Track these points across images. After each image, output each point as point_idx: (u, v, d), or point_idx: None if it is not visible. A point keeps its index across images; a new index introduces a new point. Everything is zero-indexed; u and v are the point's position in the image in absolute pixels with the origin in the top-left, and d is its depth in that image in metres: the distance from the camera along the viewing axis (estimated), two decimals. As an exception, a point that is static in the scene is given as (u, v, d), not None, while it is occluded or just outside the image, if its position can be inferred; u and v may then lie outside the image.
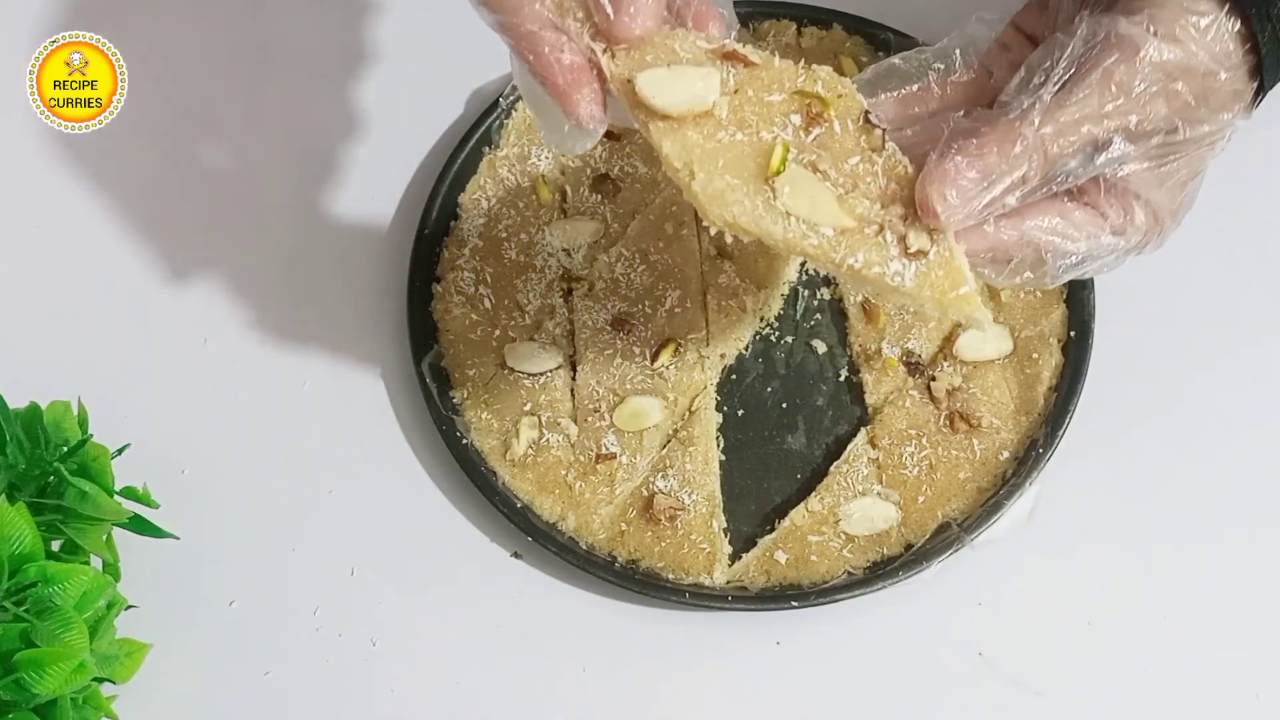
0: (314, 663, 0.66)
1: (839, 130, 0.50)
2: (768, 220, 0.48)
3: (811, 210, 0.48)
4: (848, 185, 0.49)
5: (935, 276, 0.48)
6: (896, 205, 0.49)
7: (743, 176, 0.48)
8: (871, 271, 0.48)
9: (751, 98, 0.50)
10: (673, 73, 0.49)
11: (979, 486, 0.67)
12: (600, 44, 0.49)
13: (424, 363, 0.70)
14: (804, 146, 0.49)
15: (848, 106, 0.50)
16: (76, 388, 0.64)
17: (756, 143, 0.49)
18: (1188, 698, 0.65)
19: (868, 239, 0.48)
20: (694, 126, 0.49)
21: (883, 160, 0.50)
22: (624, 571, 0.66)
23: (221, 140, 0.77)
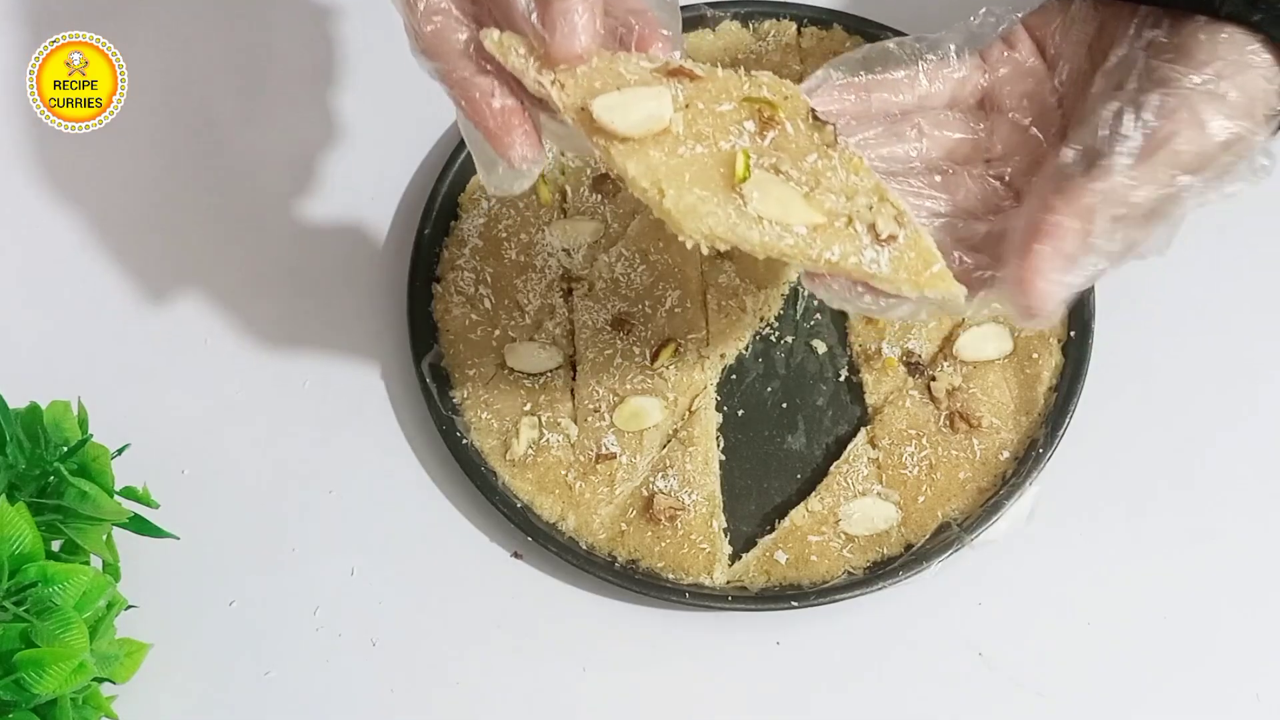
0: (314, 663, 0.66)
1: (791, 131, 0.51)
2: (743, 227, 0.48)
3: (782, 211, 0.49)
4: (811, 183, 0.50)
5: (908, 259, 0.49)
6: (860, 196, 0.50)
7: (711, 188, 0.49)
8: (849, 262, 0.49)
9: (703, 110, 0.50)
10: (624, 95, 0.49)
11: (979, 486, 0.67)
12: (548, 75, 0.50)
13: (424, 363, 0.70)
14: (762, 151, 0.50)
15: (795, 107, 0.51)
16: (76, 388, 0.64)
17: (717, 153, 0.50)
18: (1188, 698, 0.65)
19: (840, 232, 0.49)
20: (654, 145, 0.49)
21: (838, 155, 0.51)
22: (624, 571, 0.66)
23: (221, 140, 0.77)
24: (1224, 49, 0.51)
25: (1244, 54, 0.51)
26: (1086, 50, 0.56)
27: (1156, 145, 0.50)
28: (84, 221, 0.75)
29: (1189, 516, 0.68)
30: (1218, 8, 0.51)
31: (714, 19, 0.77)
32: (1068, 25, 0.57)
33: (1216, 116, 0.50)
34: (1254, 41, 0.51)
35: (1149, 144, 0.50)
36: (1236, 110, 0.50)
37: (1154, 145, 0.50)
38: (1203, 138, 0.50)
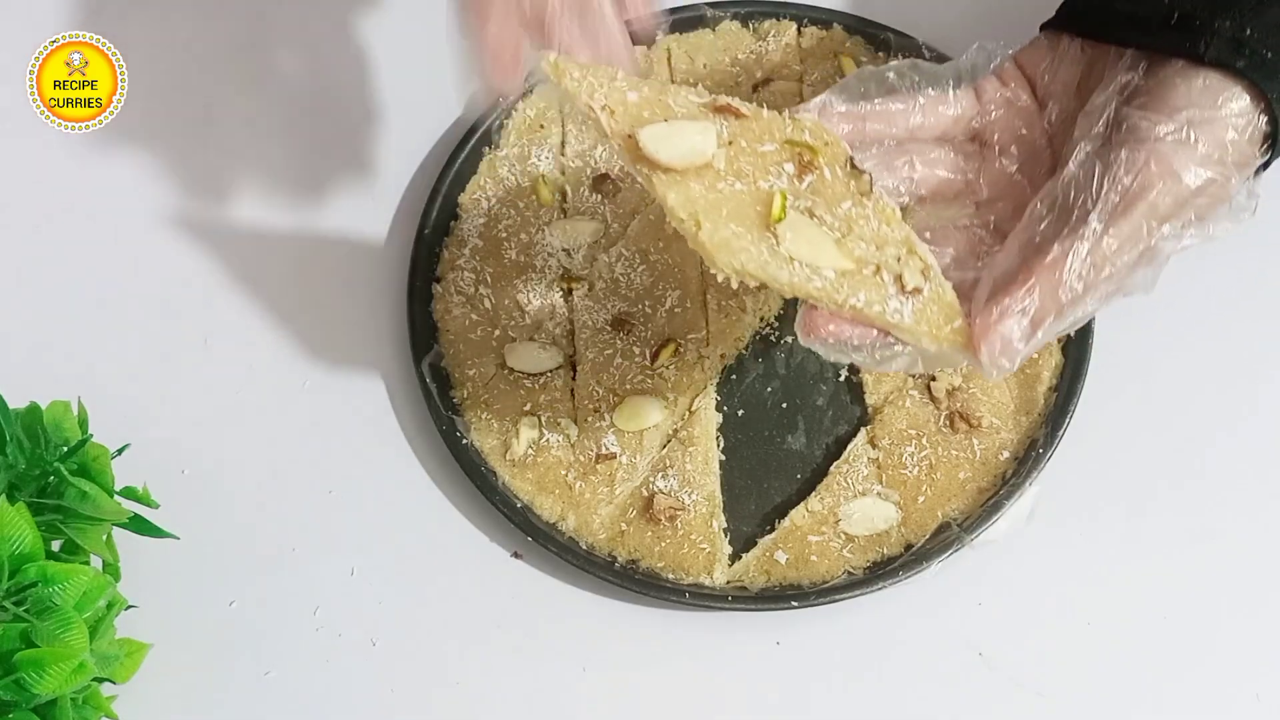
0: (314, 663, 0.66)
1: (829, 177, 0.52)
2: (774, 266, 0.49)
3: (813, 254, 0.50)
4: (843, 229, 0.51)
5: (930, 312, 0.50)
6: (889, 246, 0.51)
7: (746, 224, 0.50)
8: (873, 310, 0.50)
9: (745, 149, 0.52)
10: (671, 128, 0.51)
11: (979, 486, 0.67)
12: (599, 100, 0.51)
13: (424, 363, 0.70)
14: (799, 193, 0.51)
15: (834, 153, 0.52)
16: (76, 388, 0.64)
17: (755, 191, 0.51)
18: (1188, 698, 0.65)
19: (867, 279, 0.50)
20: (695, 178, 0.50)
21: (872, 204, 0.52)
22: (624, 571, 0.66)
23: (221, 140, 0.77)
24: (1198, 95, 0.51)
25: (1218, 102, 0.51)
26: (1075, 91, 0.57)
27: (1131, 200, 0.50)
28: (84, 221, 0.75)
29: (1189, 516, 0.68)
30: (1202, 52, 0.51)
31: (714, 19, 0.77)
32: (1056, 64, 0.57)
33: (1188, 165, 0.50)
34: (1233, 87, 0.51)
35: (1123, 200, 0.50)
36: (1208, 159, 0.50)
37: (1129, 200, 0.50)
38: (1178, 187, 0.50)
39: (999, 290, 0.50)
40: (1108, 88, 0.54)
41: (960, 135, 0.58)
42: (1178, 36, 0.52)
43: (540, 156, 0.74)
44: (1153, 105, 0.51)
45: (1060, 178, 0.52)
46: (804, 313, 0.51)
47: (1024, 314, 0.50)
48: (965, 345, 0.50)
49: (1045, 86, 0.58)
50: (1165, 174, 0.50)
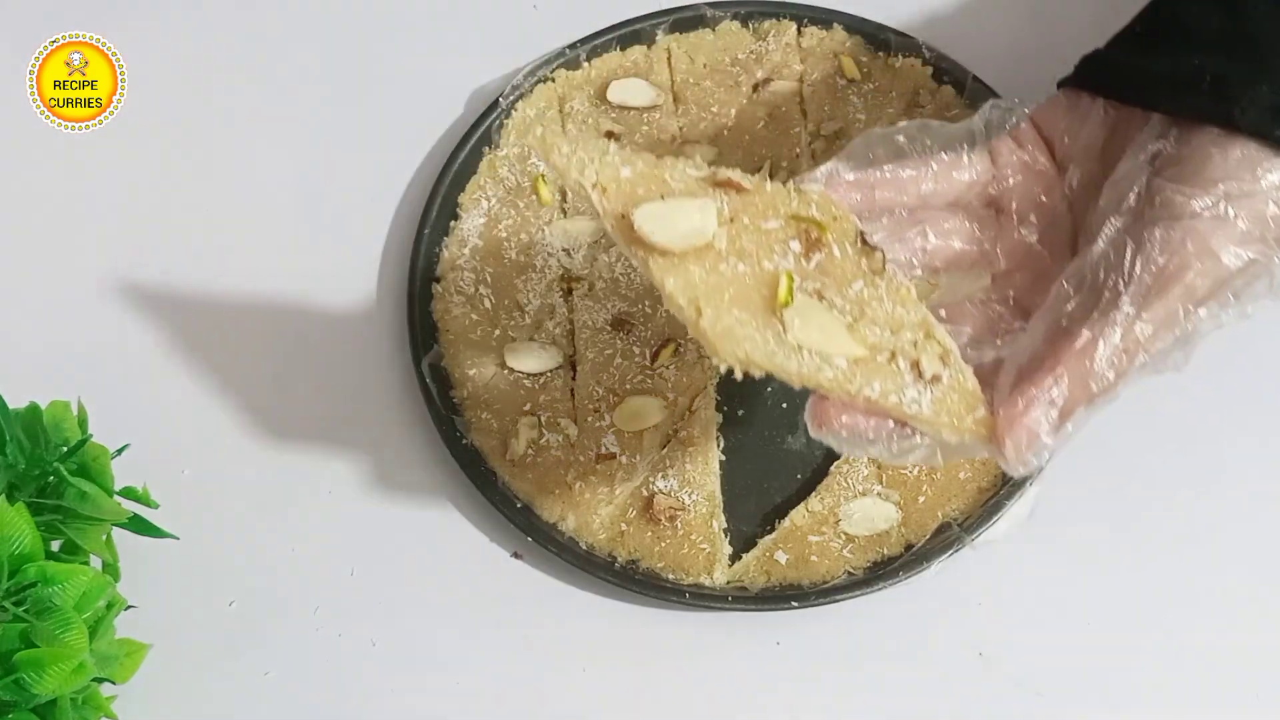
0: (314, 663, 0.66)
1: (838, 254, 0.48)
2: (781, 356, 0.46)
3: (823, 341, 0.46)
4: (855, 313, 0.47)
5: (950, 401, 0.47)
6: (905, 331, 0.47)
7: (750, 310, 0.46)
8: (889, 400, 0.46)
9: (748, 226, 0.48)
10: (669, 206, 0.47)
11: (979, 486, 0.67)
12: (590, 177, 0.48)
13: (424, 363, 0.70)
14: (806, 274, 0.48)
15: (843, 229, 0.49)
16: (76, 388, 0.64)
17: (759, 273, 0.47)
18: (1188, 698, 0.65)
19: (881, 367, 0.47)
20: (695, 260, 0.47)
21: (885, 284, 0.48)
22: (624, 571, 0.66)
23: (221, 140, 0.77)
24: (1235, 167, 0.47)
25: (1256, 174, 0.47)
26: (1098, 155, 0.53)
27: (1166, 282, 0.46)
28: (84, 221, 0.75)
29: (1189, 516, 0.68)
30: (1237, 120, 0.47)
31: (714, 19, 0.77)
32: (1077, 125, 0.54)
33: (1227, 245, 0.46)
34: (1273, 158, 0.47)
35: (1157, 282, 0.46)
36: (1248, 237, 0.47)
37: (1163, 283, 0.46)
38: (1216, 268, 0.46)
39: (1024, 378, 0.47)
40: (1136, 155, 0.50)
41: (975, 201, 0.55)
42: (1211, 102, 0.48)
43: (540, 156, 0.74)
44: (1186, 177, 0.48)
45: (1089, 255, 0.48)
46: (814, 403, 0.48)
47: (1052, 405, 0.46)
48: (989, 438, 0.46)
49: (1065, 149, 0.54)
50: (1202, 254, 0.46)
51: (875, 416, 0.47)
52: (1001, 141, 0.55)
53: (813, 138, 0.75)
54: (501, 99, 0.74)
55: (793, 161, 0.74)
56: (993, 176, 0.55)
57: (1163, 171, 0.48)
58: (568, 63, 0.76)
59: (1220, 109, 0.47)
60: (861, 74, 0.76)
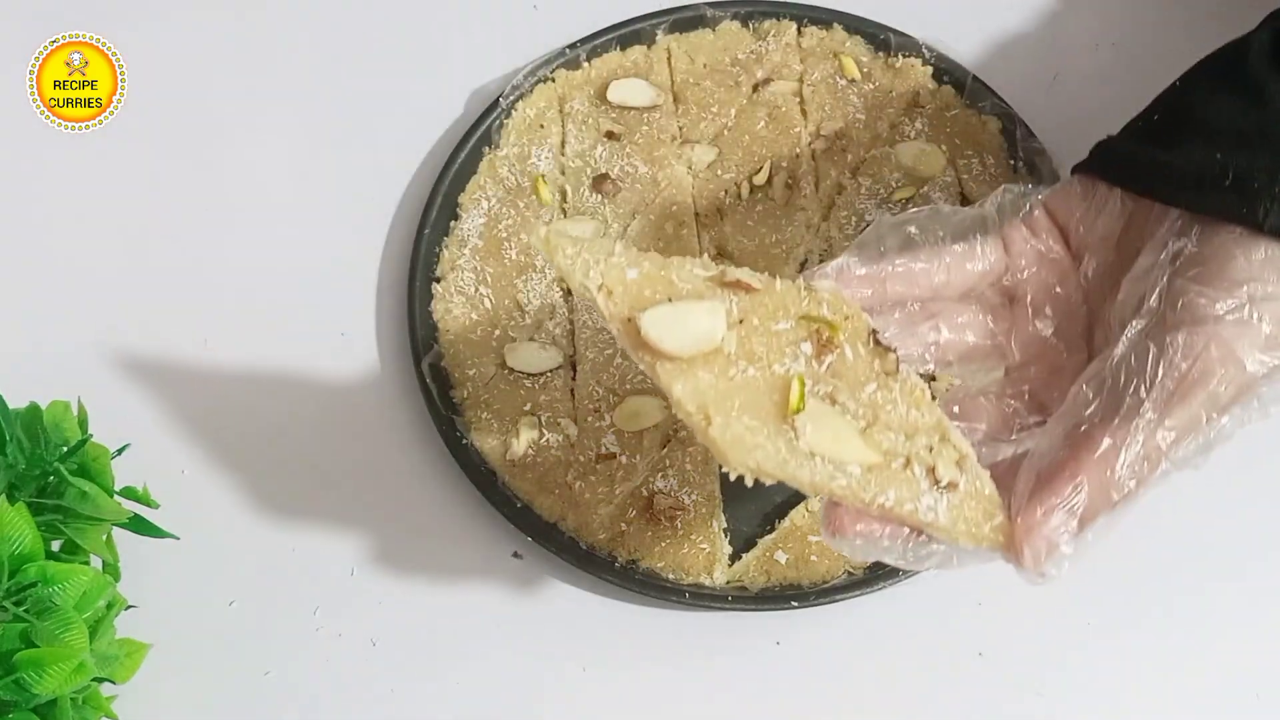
0: (314, 663, 0.66)
1: (851, 356, 0.47)
2: (793, 464, 0.45)
3: (836, 448, 0.45)
4: (869, 417, 0.46)
5: (968, 509, 0.46)
6: (920, 435, 0.46)
7: (761, 417, 0.45)
8: (904, 508, 0.45)
9: (758, 327, 0.47)
10: (676, 309, 0.46)
11: (979, 486, 0.67)
12: (595, 280, 0.47)
13: (424, 363, 0.70)
14: (818, 377, 0.47)
15: (855, 329, 0.48)
16: (76, 388, 0.64)
17: (770, 377, 0.46)
18: (1188, 698, 0.65)
19: (896, 474, 0.45)
20: (704, 366, 0.46)
21: (899, 386, 0.47)
22: (624, 571, 0.66)
23: (221, 140, 0.77)
24: (1259, 269, 0.46)
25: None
26: (1115, 245, 0.52)
27: (1189, 389, 0.45)
28: (84, 221, 0.75)
29: (1189, 515, 0.68)
30: (1261, 220, 0.46)
31: (714, 19, 0.77)
32: (1093, 215, 0.52)
33: (1252, 351, 0.45)
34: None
35: (1180, 388, 0.45)
36: (1273, 341, 0.45)
37: (1186, 389, 0.45)
38: (1241, 375, 0.45)
39: (1043, 485, 0.45)
40: (1156, 252, 0.48)
41: (989, 292, 0.54)
42: (1234, 200, 0.46)
43: (540, 156, 0.74)
44: (1209, 278, 0.46)
45: (1109, 359, 0.47)
46: (827, 509, 0.46)
47: (1071, 513, 0.44)
48: (1008, 546, 0.45)
49: (1080, 238, 0.53)
50: (1227, 360, 0.45)
51: (890, 524, 0.46)
52: (1015, 229, 0.54)
53: (813, 138, 0.75)
54: (501, 99, 0.74)
55: (793, 161, 0.74)
56: (1006, 267, 0.53)
57: (1185, 272, 0.47)
58: (568, 63, 0.76)
59: (1243, 208, 0.46)
60: (861, 74, 0.76)
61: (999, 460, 0.49)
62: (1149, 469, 0.45)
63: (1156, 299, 0.47)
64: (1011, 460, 0.48)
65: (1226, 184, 0.47)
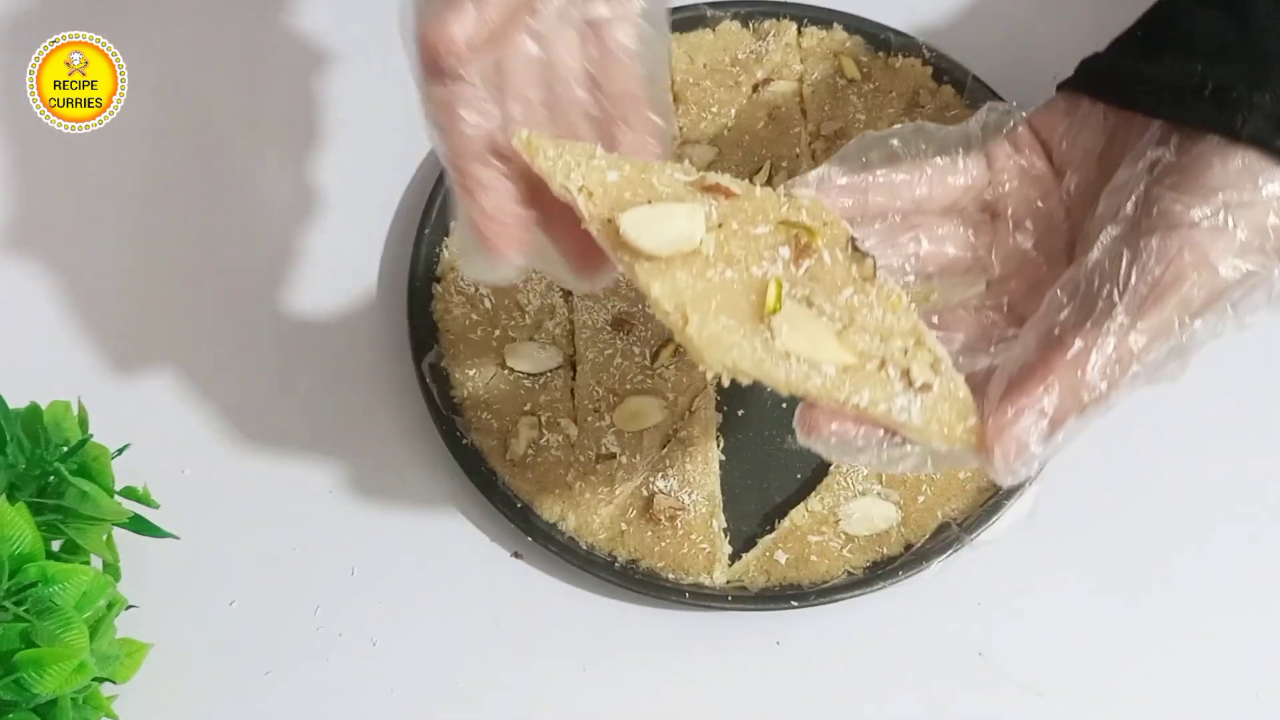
0: (314, 663, 0.66)
1: (828, 261, 0.48)
2: (769, 363, 0.45)
3: (812, 349, 0.46)
4: (845, 320, 0.47)
5: (941, 410, 0.46)
6: (895, 338, 0.47)
7: (738, 317, 0.46)
8: (878, 409, 0.45)
9: (737, 231, 0.47)
10: (655, 211, 0.47)
11: (979, 486, 0.67)
12: (576, 181, 0.47)
13: (424, 363, 0.70)
14: (796, 280, 0.47)
15: (834, 235, 0.48)
16: (76, 388, 0.64)
17: (748, 280, 0.47)
18: (1188, 698, 0.65)
19: (871, 375, 0.46)
20: (682, 266, 0.46)
21: (876, 291, 0.48)
22: (624, 571, 0.66)
23: (220, 140, 0.77)
24: (1235, 177, 0.46)
25: (1258, 184, 0.46)
26: (1096, 160, 0.53)
27: (1161, 292, 0.46)
28: (84, 221, 0.75)
29: (1189, 516, 0.68)
30: (1238, 128, 0.46)
31: (714, 19, 0.77)
32: (1075, 130, 0.53)
33: (1226, 256, 0.46)
34: (1273, 169, 0.46)
35: (1153, 292, 0.46)
36: (1247, 248, 0.46)
37: (1159, 293, 0.46)
38: (1214, 280, 0.46)
39: (1015, 387, 0.46)
40: (1135, 163, 0.49)
41: (971, 206, 0.54)
42: (1212, 110, 0.47)
43: (540, 156, 0.74)
44: (1185, 186, 0.47)
45: (1084, 264, 0.48)
46: (802, 410, 0.47)
47: (1042, 414, 0.45)
48: (980, 446, 0.46)
49: (1063, 154, 0.53)
50: (1200, 265, 0.45)
51: (865, 424, 0.46)
52: (998, 146, 0.54)
53: (813, 138, 0.75)
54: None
55: (793, 161, 0.74)
56: (989, 181, 0.54)
57: (1162, 180, 0.48)
58: (568, 63, 0.76)
59: (1222, 117, 0.47)
60: (861, 74, 0.76)
61: (977, 370, 0.49)
62: (1120, 371, 0.46)
63: (1133, 206, 0.48)
64: (987, 370, 0.49)
65: (1206, 94, 0.47)
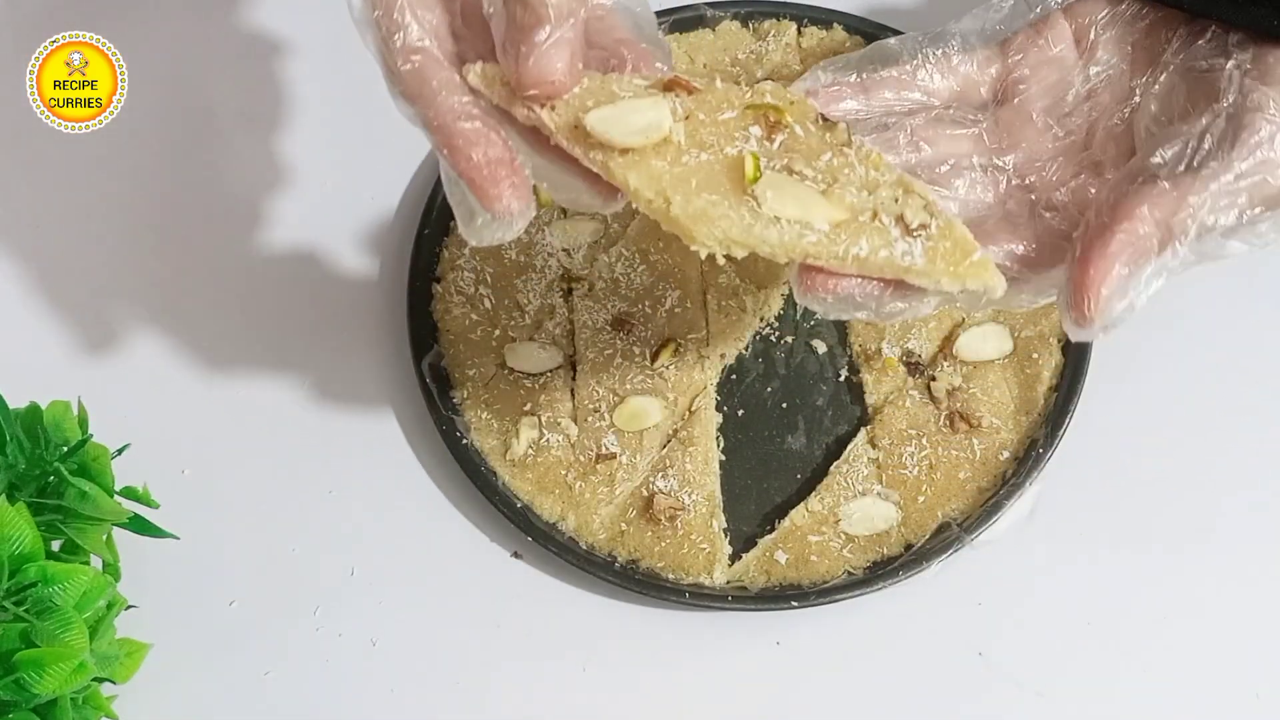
0: (314, 663, 0.66)
1: (801, 133, 0.48)
2: (759, 227, 0.45)
3: (800, 210, 0.46)
4: (828, 180, 0.47)
5: (944, 248, 0.46)
6: (883, 190, 0.47)
7: (721, 191, 0.46)
8: (879, 256, 0.46)
9: (705, 120, 0.47)
10: (620, 108, 0.47)
11: (979, 486, 0.67)
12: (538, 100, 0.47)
13: (424, 363, 0.70)
14: (771, 154, 0.47)
15: (802, 110, 0.48)
16: (76, 388, 0.65)
17: (723, 158, 0.47)
18: (1188, 698, 0.65)
19: (865, 225, 0.46)
20: (656, 155, 0.46)
21: (854, 152, 0.48)
22: (624, 571, 0.66)
23: (221, 140, 0.77)
24: None
25: None
26: (1129, 50, 0.53)
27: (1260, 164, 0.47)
28: (84, 221, 0.75)
29: (1189, 516, 0.68)
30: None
31: (714, 19, 0.77)
32: (1114, 20, 0.53)
33: None
34: None
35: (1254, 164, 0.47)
36: None
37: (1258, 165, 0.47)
38: None
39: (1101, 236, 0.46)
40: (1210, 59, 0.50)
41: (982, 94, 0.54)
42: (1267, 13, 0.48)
43: (540, 156, 0.74)
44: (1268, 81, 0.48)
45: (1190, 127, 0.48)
46: (800, 270, 0.47)
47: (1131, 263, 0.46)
48: (989, 276, 0.46)
49: (1094, 40, 0.53)
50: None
51: (864, 279, 0.47)
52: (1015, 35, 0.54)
53: (813, 138, 0.75)
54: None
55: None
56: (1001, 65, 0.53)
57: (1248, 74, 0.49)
58: (568, 63, 0.76)
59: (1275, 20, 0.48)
60: (861, 74, 0.76)
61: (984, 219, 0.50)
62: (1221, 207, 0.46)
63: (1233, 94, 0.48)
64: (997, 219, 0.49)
65: None
